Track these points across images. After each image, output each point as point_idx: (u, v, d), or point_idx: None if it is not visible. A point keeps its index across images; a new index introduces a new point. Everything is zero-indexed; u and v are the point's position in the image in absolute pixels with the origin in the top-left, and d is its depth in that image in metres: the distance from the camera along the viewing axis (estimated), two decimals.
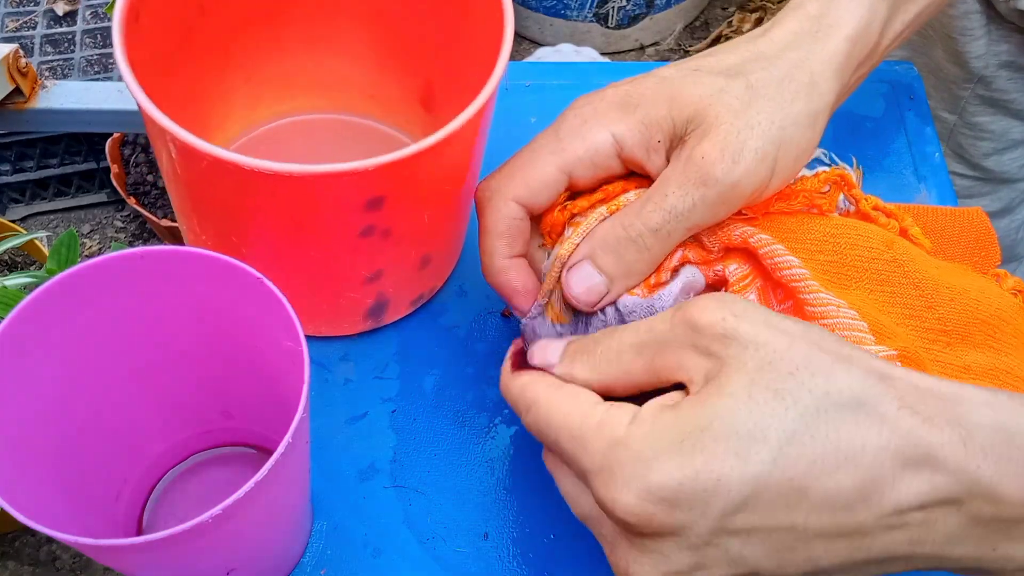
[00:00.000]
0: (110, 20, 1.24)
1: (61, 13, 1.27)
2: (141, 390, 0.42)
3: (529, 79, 0.60)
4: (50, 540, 1.18)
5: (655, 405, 0.32)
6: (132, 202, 1.29)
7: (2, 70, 0.68)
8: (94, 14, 1.28)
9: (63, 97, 0.73)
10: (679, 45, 1.72)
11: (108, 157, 1.32)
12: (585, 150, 0.40)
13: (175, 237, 1.31)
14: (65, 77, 1.23)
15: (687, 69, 0.41)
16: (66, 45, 1.26)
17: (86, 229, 1.45)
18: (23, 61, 0.70)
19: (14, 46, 0.69)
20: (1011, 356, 0.41)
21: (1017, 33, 0.73)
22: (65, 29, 1.27)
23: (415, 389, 0.49)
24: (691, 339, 0.33)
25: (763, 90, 0.39)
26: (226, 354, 0.41)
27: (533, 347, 0.38)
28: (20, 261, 1.20)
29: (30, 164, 1.37)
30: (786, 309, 0.40)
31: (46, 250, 1.20)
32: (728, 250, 0.41)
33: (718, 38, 1.72)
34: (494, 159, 0.47)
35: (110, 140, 1.32)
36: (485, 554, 0.44)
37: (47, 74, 1.23)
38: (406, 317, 0.51)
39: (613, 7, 1.61)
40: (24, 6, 1.29)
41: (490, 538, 0.45)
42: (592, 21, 1.64)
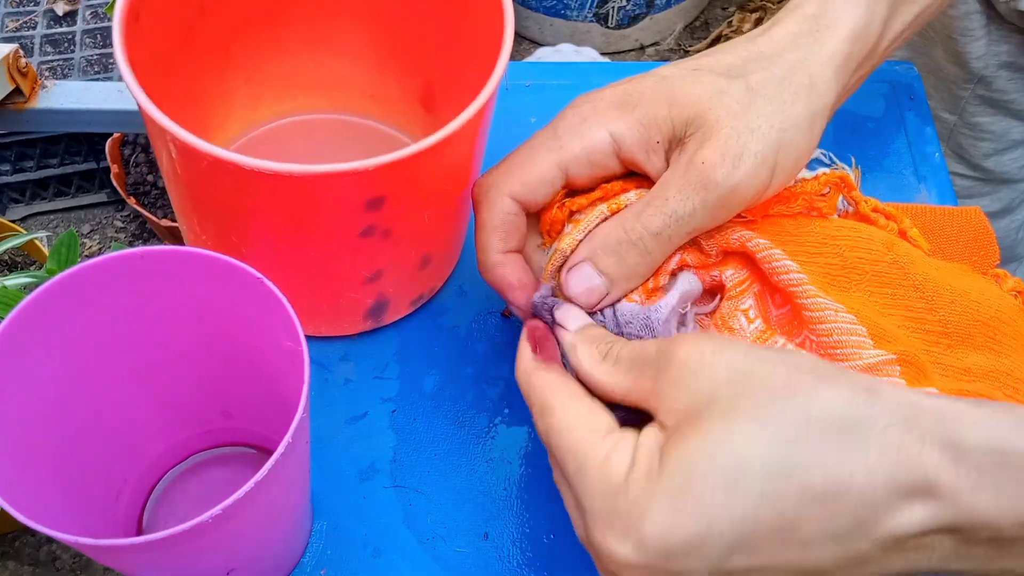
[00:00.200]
0: (110, 20, 1.24)
1: (61, 13, 1.27)
2: (141, 390, 0.42)
3: (529, 79, 0.60)
4: (50, 540, 1.18)
5: (649, 447, 0.32)
6: (132, 202, 1.29)
7: (2, 70, 0.68)
8: (94, 14, 1.28)
9: (63, 97, 0.73)
10: (679, 45, 1.72)
11: (108, 157, 1.32)
12: (583, 148, 0.39)
13: (175, 237, 1.31)
14: (65, 77, 1.23)
15: (687, 69, 0.40)
16: (66, 45, 1.26)
17: (86, 229, 1.45)
18: (23, 61, 0.70)
19: (14, 46, 0.69)
20: (1011, 358, 0.41)
21: (1017, 33, 0.73)
22: (65, 29, 1.27)
23: (415, 389, 0.49)
24: (668, 370, 0.32)
25: (763, 91, 0.39)
26: (226, 354, 0.41)
27: (564, 306, 0.38)
28: (20, 261, 1.20)
29: (30, 164, 1.37)
30: (784, 314, 0.40)
31: (46, 250, 1.20)
32: (726, 254, 0.41)
33: (718, 38, 1.72)
34: (494, 159, 0.47)
35: (110, 140, 1.32)
36: (485, 554, 0.44)
37: (47, 74, 1.23)
38: (406, 317, 0.51)
39: (613, 7, 1.61)
40: (24, 6, 1.29)
41: (490, 538, 0.45)
42: (592, 21, 1.64)
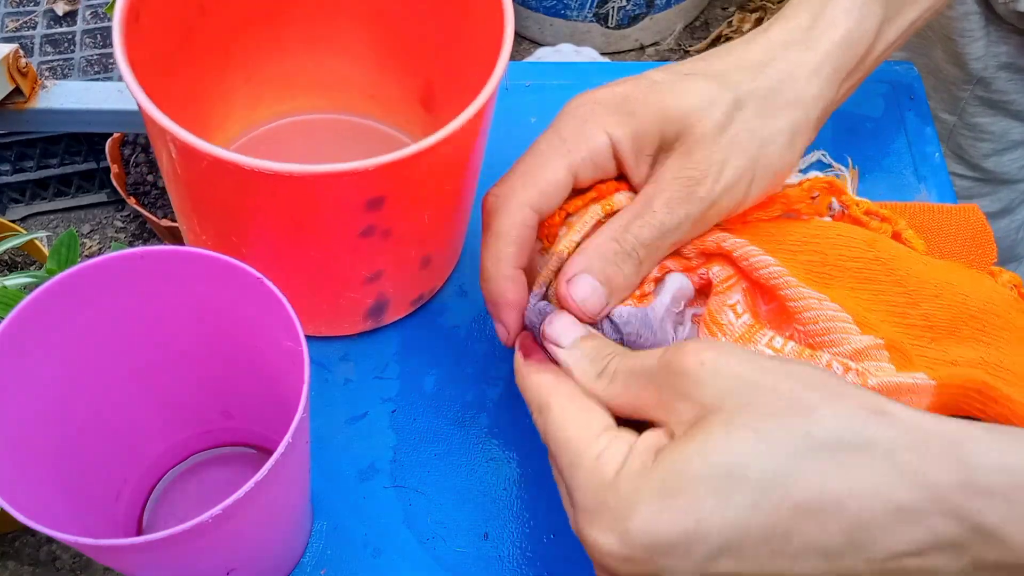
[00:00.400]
0: (110, 20, 1.24)
1: (61, 13, 1.27)
2: (141, 390, 0.42)
3: (529, 79, 0.60)
4: (50, 540, 1.18)
5: (645, 447, 0.32)
6: (132, 202, 1.29)
7: (2, 70, 0.68)
8: (94, 14, 1.28)
9: (63, 97, 0.73)
10: (679, 45, 1.72)
11: (108, 157, 1.32)
12: (589, 151, 0.40)
13: (175, 237, 1.31)
14: (65, 77, 1.23)
15: (679, 74, 0.41)
16: (66, 45, 1.26)
17: (86, 229, 1.45)
18: (23, 61, 0.70)
19: (14, 46, 0.69)
20: (1002, 350, 0.41)
21: (1016, 35, 0.73)
22: (65, 29, 1.27)
23: (415, 389, 0.49)
24: (672, 382, 0.32)
25: (749, 102, 0.40)
26: (226, 354, 0.41)
27: (553, 318, 0.38)
28: (20, 261, 1.20)
29: (30, 164, 1.37)
30: (773, 309, 0.40)
31: (46, 250, 1.20)
32: (707, 255, 0.41)
33: (718, 38, 1.72)
34: (494, 159, 0.47)
35: (110, 140, 1.32)
36: (485, 554, 0.44)
37: (47, 74, 1.23)
38: (406, 317, 0.51)
39: (613, 7, 1.61)
40: (24, 6, 1.29)
41: (490, 538, 0.45)
42: (592, 21, 1.64)
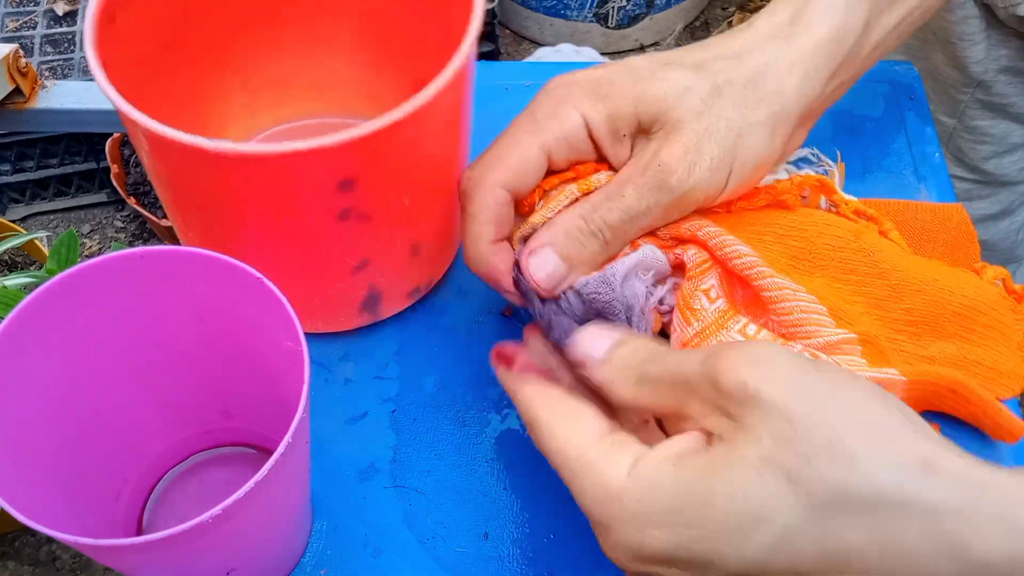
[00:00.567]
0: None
1: (61, 13, 1.27)
2: (141, 390, 0.42)
3: (529, 79, 0.60)
4: (50, 540, 1.18)
5: (658, 458, 0.31)
6: (132, 202, 1.29)
7: (2, 70, 0.68)
8: None
9: (63, 97, 0.73)
10: (679, 45, 1.72)
11: (108, 157, 1.32)
12: (562, 130, 0.40)
13: (175, 237, 1.31)
14: (65, 77, 1.23)
15: (658, 63, 0.41)
16: (66, 45, 1.26)
17: (86, 229, 1.45)
18: (23, 61, 0.70)
19: (14, 46, 0.69)
20: (984, 347, 0.41)
21: (1016, 38, 0.73)
22: (65, 29, 1.27)
23: (415, 389, 0.49)
24: (712, 396, 0.31)
25: (727, 91, 0.39)
26: (226, 354, 0.41)
27: (576, 337, 0.37)
28: (20, 261, 1.20)
29: (30, 164, 1.37)
30: (748, 295, 0.40)
31: (46, 250, 1.20)
32: (681, 241, 0.41)
33: None
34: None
35: (110, 140, 1.32)
36: (485, 554, 0.44)
37: (47, 74, 1.23)
38: (406, 317, 0.51)
39: (613, 7, 1.61)
40: (24, 6, 1.29)
41: (490, 538, 0.45)
42: (592, 21, 1.64)
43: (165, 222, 1.28)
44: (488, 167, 0.40)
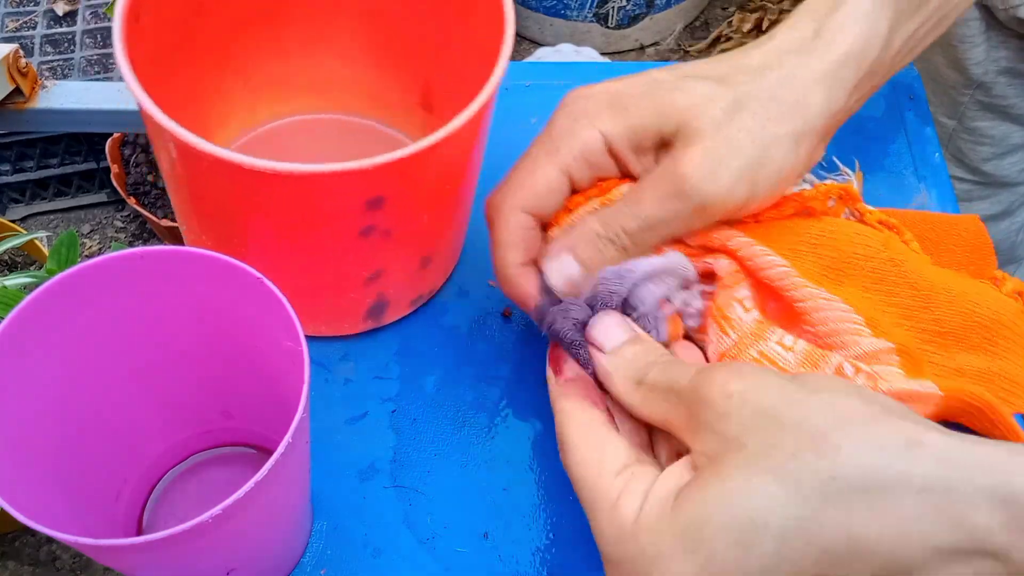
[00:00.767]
0: (110, 20, 1.24)
1: (61, 13, 1.27)
2: (141, 390, 0.42)
3: (529, 79, 0.60)
4: (50, 540, 1.18)
5: (665, 491, 0.32)
6: (132, 202, 1.29)
7: (2, 70, 0.68)
8: (94, 14, 1.28)
9: (63, 97, 0.73)
10: (679, 45, 1.72)
11: (108, 157, 1.32)
12: (579, 148, 0.40)
13: (175, 237, 1.31)
14: (65, 77, 1.23)
15: (679, 75, 0.40)
16: (66, 45, 1.26)
17: (86, 229, 1.45)
18: (23, 61, 0.70)
19: (14, 46, 0.69)
20: (1007, 360, 0.41)
21: (1016, 39, 0.73)
22: (65, 29, 1.27)
23: (415, 389, 0.49)
24: (698, 411, 0.32)
25: (748, 105, 0.39)
26: (226, 354, 0.41)
27: (598, 319, 0.38)
28: (20, 261, 1.20)
29: (30, 164, 1.37)
30: (778, 308, 0.40)
31: (46, 250, 1.20)
32: (710, 251, 0.41)
33: (718, 38, 1.72)
34: (494, 159, 0.47)
35: (110, 140, 1.32)
36: (485, 554, 0.44)
37: (47, 74, 1.23)
38: (406, 317, 0.51)
39: (613, 7, 1.61)
40: (24, 6, 1.29)
41: (490, 538, 0.45)
42: (592, 21, 1.64)
43: (165, 222, 1.28)
44: (509, 192, 0.41)
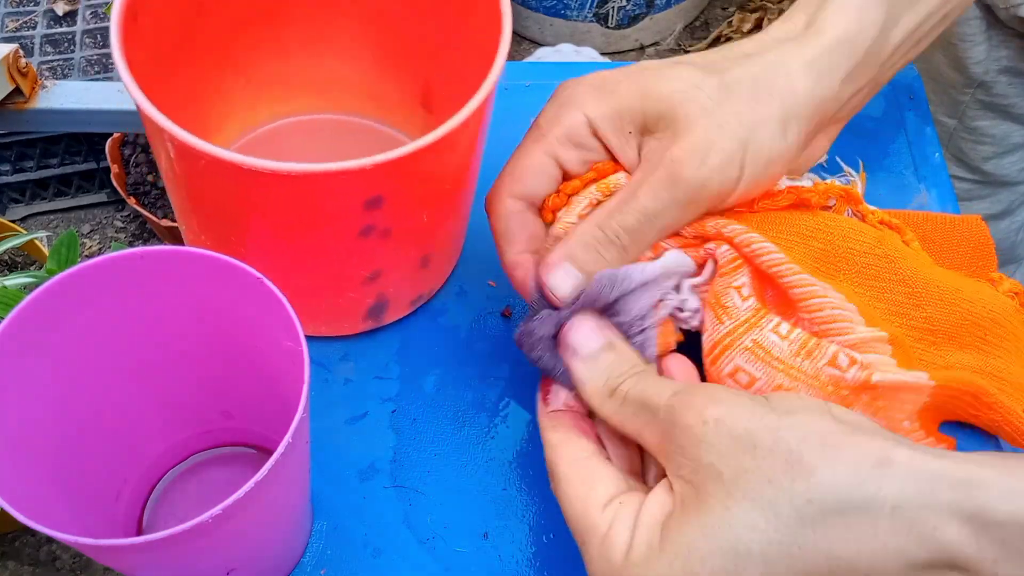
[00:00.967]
0: (110, 20, 1.24)
1: (61, 13, 1.27)
2: (141, 390, 0.42)
3: (529, 79, 0.60)
4: (50, 540, 1.18)
5: (651, 521, 0.32)
6: (132, 202, 1.29)
7: (2, 70, 0.68)
8: (94, 14, 1.28)
9: (63, 97, 0.73)
10: (679, 45, 1.72)
11: (108, 157, 1.32)
12: (563, 130, 0.40)
13: (175, 237, 1.31)
14: (65, 77, 1.23)
15: (667, 63, 0.41)
16: (66, 45, 1.26)
17: (86, 229, 1.45)
18: (23, 61, 0.70)
19: (14, 46, 0.69)
20: (1001, 358, 0.41)
21: (1017, 38, 0.73)
22: (65, 29, 1.27)
23: (415, 389, 0.49)
24: (673, 434, 0.32)
25: (736, 88, 0.39)
26: (226, 354, 0.41)
27: (574, 324, 0.38)
28: (20, 261, 1.20)
29: (30, 164, 1.37)
30: (776, 295, 0.40)
31: (46, 250, 1.20)
32: (706, 239, 0.41)
33: (718, 38, 1.72)
34: (494, 159, 0.47)
35: (110, 140, 1.32)
36: (485, 554, 0.44)
37: (47, 74, 1.23)
38: (406, 317, 0.51)
39: (613, 7, 1.61)
40: (24, 6, 1.29)
41: (490, 538, 0.45)
42: (592, 21, 1.64)
43: (165, 222, 1.28)
44: (500, 182, 0.42)
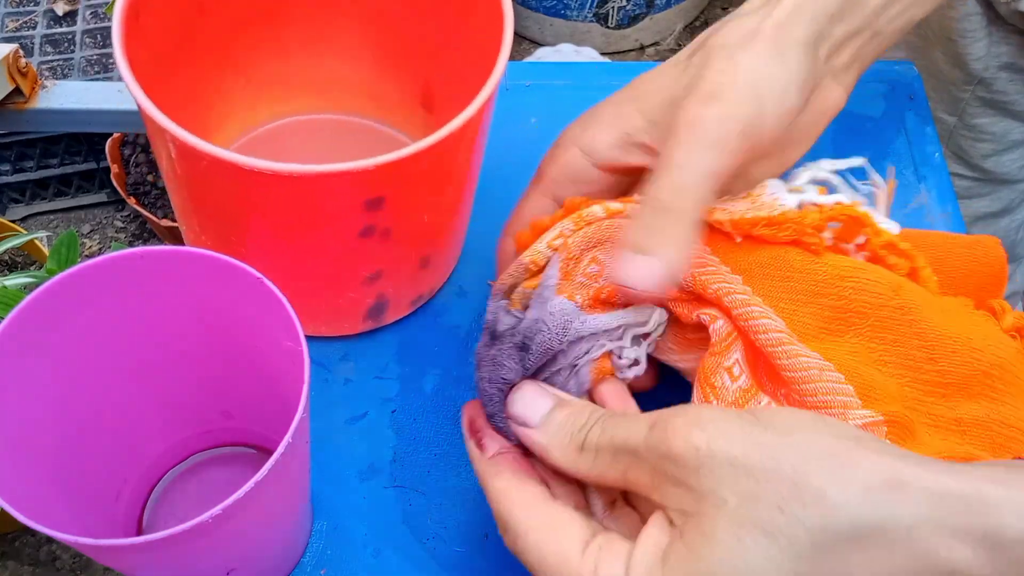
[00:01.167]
0: (110, 20, 1.24)
1: (61, 13, 1.27)
2: (141, 390, 0.42)
3: (529, 79, 0.60)
4: (50, 540, 1.18)
5: (647, 558, 0.30)
6: (132, 202, 1.29)
7: (2, 70, 0.68)
8: (94, 14, 1.28)
9: (63, 97, 0.73)
10: (679, 45, 1.72)
11: (108, 157, 1.32)
12: (558, 169, 0.42)
13: (175, 237, 1.31)
14: (65, 77, 1.23)
15: (657, 67, 0.42)
16: (66, 45, 1.26)
17: (86, 229, 1.45)
18: (23, 61, 0.70)
19: (14, 46, 0.69)
20: (1007, 404, 0.40)
21: (1017, 35, 0.73)
22: (65, 29, 1.27)
23: (415, 389, 0.49)
24: (663, 467, 0.30)
25: (726, 43, 0.40)
26: (226, 354, 0.41)
27: (515, 396, 0.36)
28: (20, 261, 1.20)
29: (30, 164, 1.37)
30: (770, 366, 0.39)
31: (46, 250, 1.20)
32: (706, 303, 0.39)
33: None
34: (494, 159, 0.47)
35: (110, 140, 1.32)
36: (485, 554, 0.44)
37: (47, 74, 1.23)
38: (406, 317, 0.51)
39: (613, 7, 1.61)
40: (24, 6, 1.29)
41: (490, 538, 0.45)
42: (592, 21, 1.64)
43: (165, 222, 1.28)
44: (506, 232, 0.44)
